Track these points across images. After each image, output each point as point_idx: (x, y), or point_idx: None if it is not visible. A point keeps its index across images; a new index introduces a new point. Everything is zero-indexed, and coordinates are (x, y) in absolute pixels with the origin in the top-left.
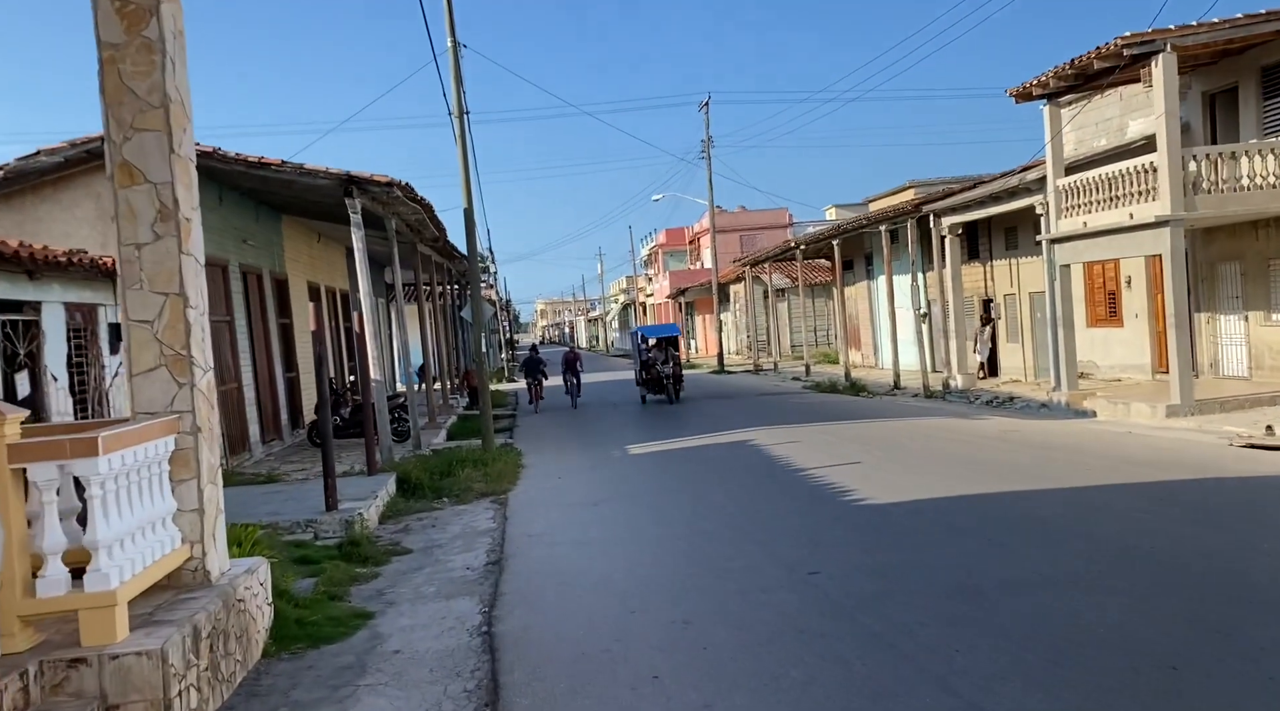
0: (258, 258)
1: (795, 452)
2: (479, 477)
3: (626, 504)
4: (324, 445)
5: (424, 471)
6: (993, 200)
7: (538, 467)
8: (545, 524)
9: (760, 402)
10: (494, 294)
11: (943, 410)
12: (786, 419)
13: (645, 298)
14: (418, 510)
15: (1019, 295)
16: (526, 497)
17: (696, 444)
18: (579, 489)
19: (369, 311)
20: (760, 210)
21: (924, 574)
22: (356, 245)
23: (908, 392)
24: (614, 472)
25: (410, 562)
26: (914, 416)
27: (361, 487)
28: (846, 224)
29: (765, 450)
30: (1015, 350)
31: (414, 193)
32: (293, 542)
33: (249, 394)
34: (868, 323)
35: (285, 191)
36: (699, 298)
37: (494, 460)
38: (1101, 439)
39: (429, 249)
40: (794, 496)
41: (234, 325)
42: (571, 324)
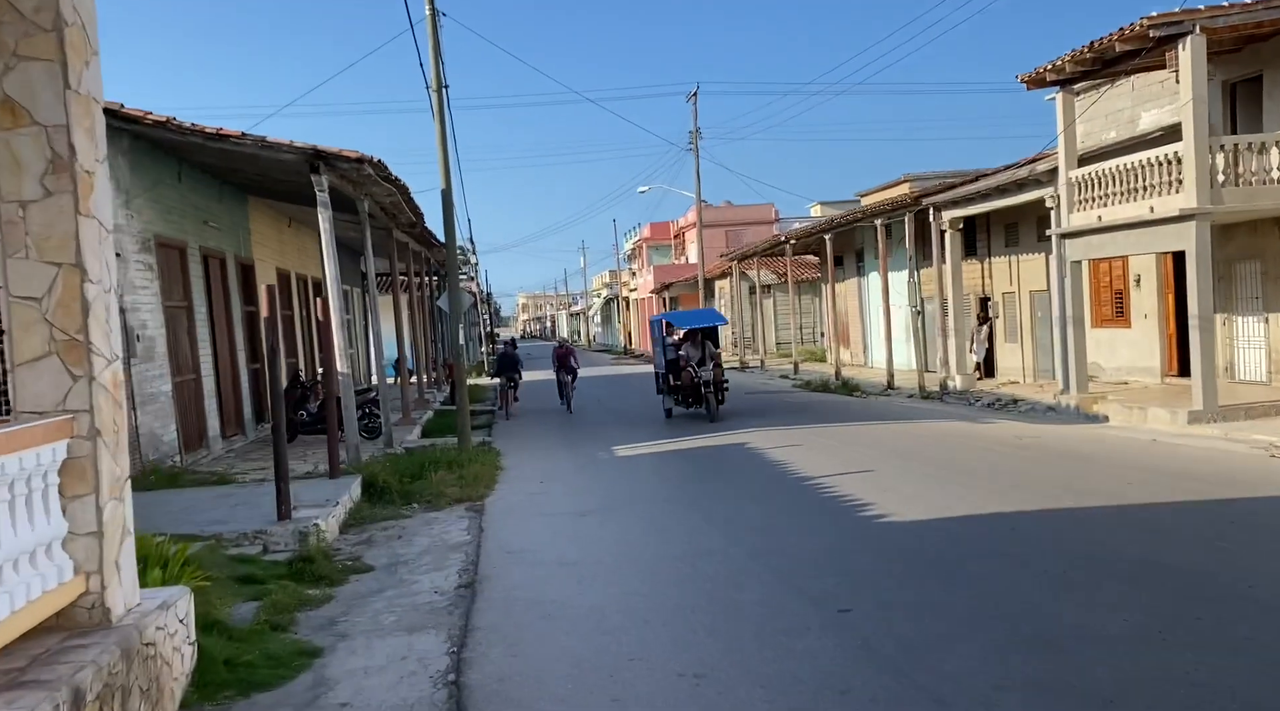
0: (221, 240)
1: (799, 458)
2: (453, 481)
3: (617, 515)
4: (276, 446)
5: (393, 473)
6: (998, 193)
7: (518, 470)
8: (526, 538)
9: (751, 401)
10: (474, 286)
11: (945, 413)
12: (782, 419)
13: (629, 292)
14: (384, 518)
15: (1018, 293)
16: (505, 505)
17: (690, 445)
18: (563, 496)
19: (335, 298)
20: (746, 205)
21: (981, 616)
22: (323, 226)
23: (902, 393)
24: (602, 477)
25: (371, 583)
26: (917, 419)
27: (322, 492)
28: (840, 218)
29: (766, 454)
30: (1013, 350)
31: (387, 171)
32: (237, 558)
33: (208, 385)
34: (857, 320)
35: (249, 168)
36: (683, 293)
37: (470, 461)
38: (1128, 448)
39: (406, 235)
40: (806, 510)
41: (193, 312)
42: (553, 318)
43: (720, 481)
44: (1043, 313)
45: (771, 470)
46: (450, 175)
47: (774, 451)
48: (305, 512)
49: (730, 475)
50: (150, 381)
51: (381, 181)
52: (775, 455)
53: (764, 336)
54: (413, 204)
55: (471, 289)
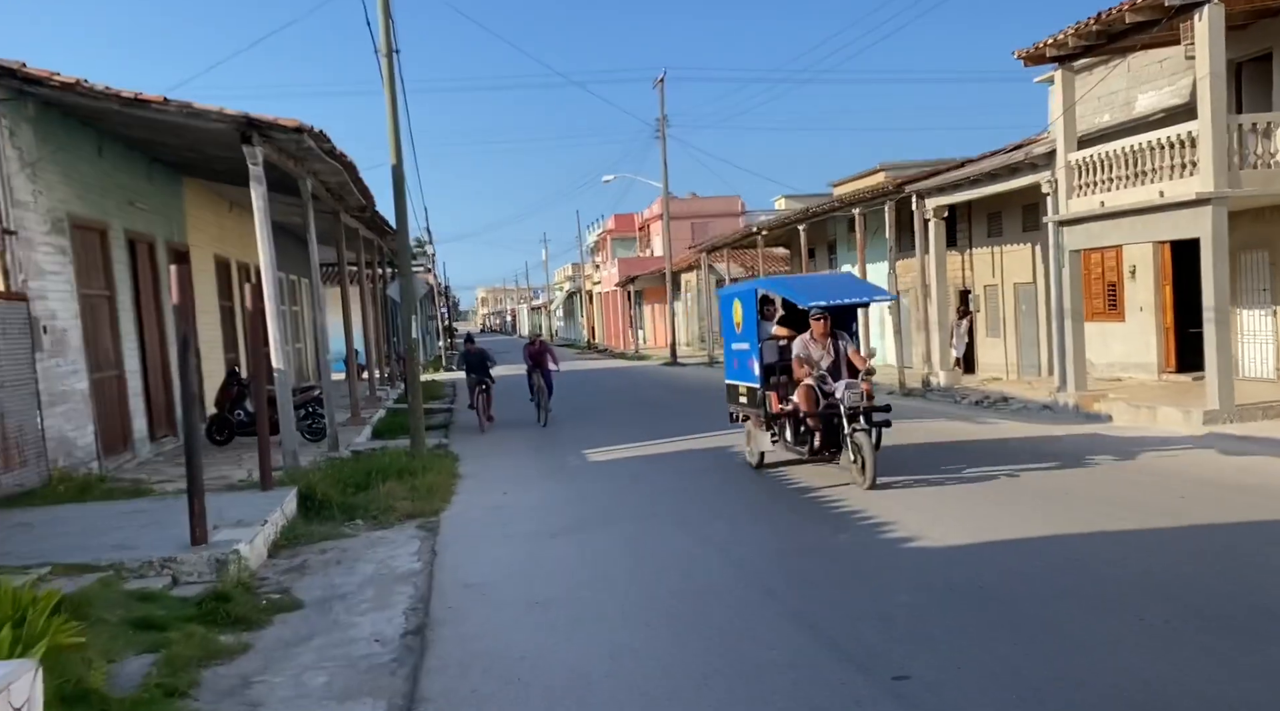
0: (150, 224)
1: (794, 464)
2: (404, 492)
3: (595, 536)
4: (189, 457)
5: (335, 483)
6: (988, 178)
7: (478, 478)
8: (487, 566)
9: None
10: (431, 277)
11: (934, 411)
12: None
13: (592, 286)
14: (322, 537)
15: (1001, 286)
16: (463, 522)
17: (671, 449)
18: (530, 510)
19: (270, 285)
20: (712, 197)
21: (1078, 686)
22: (257, 203)
23: (881, 389)
24: (574, 487)
25: (298, 626)
26: (908, 419)
27: (250, 507)
28: (816, 207)
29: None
30: (995, 345)
31: (330, 144)
32: (138, 594)
33: (133, 383)
34: None
35: (178, 141)
36: (648, 286)
37: (424, 469)
38: (1158, 453)
39: (355, 221)
40: (818, 530)
41: (115, 301)
42: (514, 312)
43: (710, 493)
44: (1027, 306)
45: (766, 478)
46: (401, 150)
47: None
48: (226, 534)
49: (720, 485)
50: (61, 378)
51: (325, 157)
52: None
53: None
54: (361, 184)
55: (428, 280)
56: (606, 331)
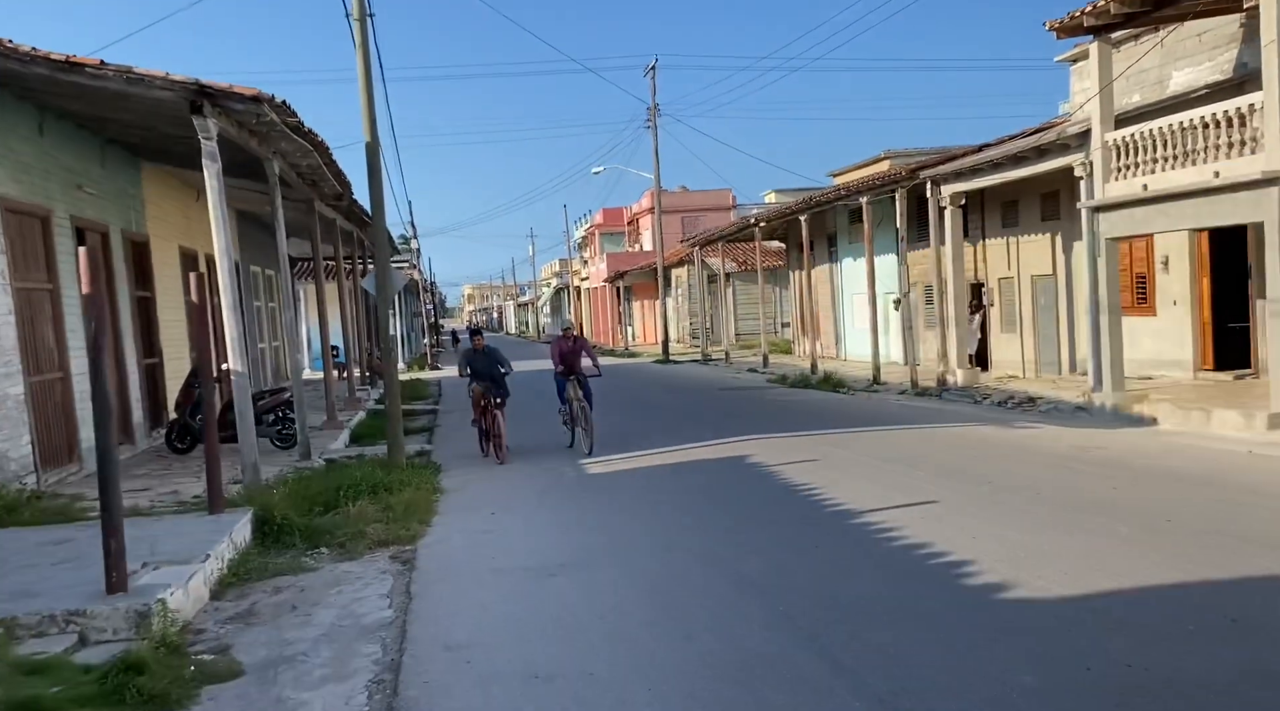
0: (102, 211)
1: (824, 479)
2: (376, 513)
3: (605, 575)
4: (102, 483)
5: (299, 503)
6: (1013, 162)
7: (461, 493)
8: (473, 616)
9: (727, 400)
10: (416, 273)
11: (959, 414)
12: (773, 423)
13: (580, 281)
14: (278, 571)
15: (1017, 279)
16: (445, 553)
17: (679, 458)
18: (522, 537)
19: (226, 275)
20: (702, 191)
21: None
22: (210, 182)
23: (892, 389)
24: (573, 507)
25: (233, 705)
26: (934, 422)
27: (192, 537)
28: (820, 195)
29: (779, 474)
30: (1011, 341)
31: (295, 117)
32: (27, 663)
33: (80, 386)
34: (829, 310)
35: (127, 117)
36: (638, 282)
37: (401, 484)
38: (1227, 463)
39: (332, 210)
40: (882, 571)
41: (59, 295)
42: (500, 309)
43: (733, 516)
44: (1046, 300)
45: (797, 498)
46: (376, 126)
47: (787, 469)
48: (154, 576)
49: (743, 505)
50: None
51: (291, 134)
52: (792, 475)
53: (725, 328)
54: (335, 168)
55: (412, 274)
56: (595, 328)
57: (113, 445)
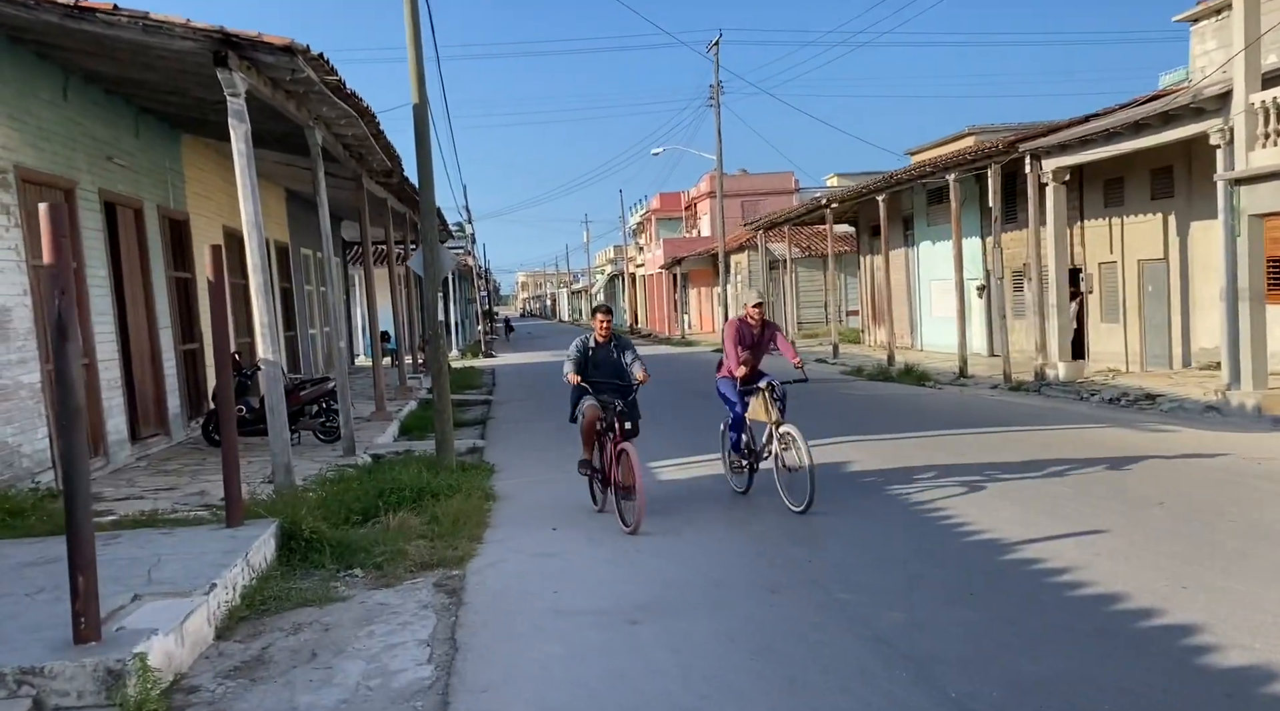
0: (135, 185)
1: (950, 496)
2: (420, 527)
3: (699, 625)
4: (69, 499)
5: (334, 510)
6: (1132, 131)
7: (517, 502)
8: (534, 688)
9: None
10: (471, 260)
11: (1071, 413)
12: (866, 423)
13: (635, 268)
14: (302, 599)
15: (1121, 263)
16: (498, 585)
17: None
18: (591, 564)
19: (256, 252)
20: (763, 174)
21: None
22: (237, 146)
23: (982, 383)
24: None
25: None
26: (1050, 424)
27: (203, 557)
28: (901, 173)
29: (894, 490)
30: (1112, 332)
31: (334, 73)
32: None
33: (108, 373)
34: (903, 297)
35: (154, 77)
36: (694, 269)
37: (449, 489)
38: None
39: (381, 188)
40: (1075, 641)
41: (84, 275)
42: (553, 296)
43: (848, 545)
44: (1155, 286)
45: (923, 522)
46: (424, 85)
47: (900, 483)
48: (144, 613)
49: (858, 531)
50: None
51: (331, 94)
52: (907, 490)
53: (787, 316)
54: (383, 140)
55: (466, 260)
56: (650, 316)
57: (81, 456)
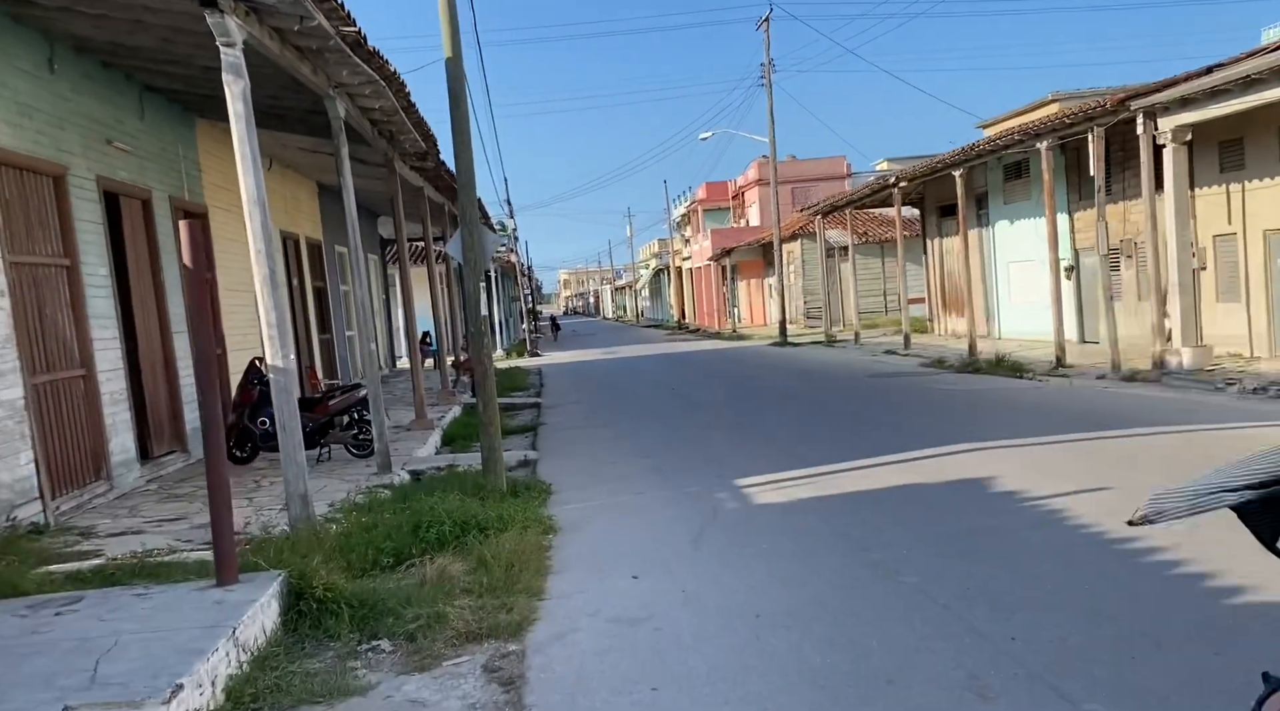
0: (141, 173)
1: (1152, 529)
2: (465, 575)
3: None
4: None
5: (358, 551)
6: (1277, 76)
7: (583, 535)
8: None
9: (888, 391)
10: (514, 257)
11: (1221, 408)
12: (977, 425)
13: (681, 261)
14: (305, 692)
15: (1243, 235)
16: (570, 673)
17: (875, 482)
18: (692, 634)
19: (260, 237)
20: (813, 159)
21: None
22: (234, 107)
23: (1085, 372)
24: (753, 567)
25: None
26: (1205, 423)
27: (177, 633)
28: (983, 143)
29: (1065, 517)
30: (1231, 312)
31: (352, 23)
32: None
33: (110, 385)
34: (978, 282)
35: (147, 40)
36: (743, 260)
37: (499, 522)
38: None
39: (416, 173)
40: None
41: (79, 273)
42: (596, 293)
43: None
44: None
45: (1139, 568)
46: (459, 39)
47: (1061, 506)
48: None
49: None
50: None
51: (350, 54)
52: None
53: (846, 306)
54: (416, 116)
55: (509, 257)
56: (698, 310)
57: None
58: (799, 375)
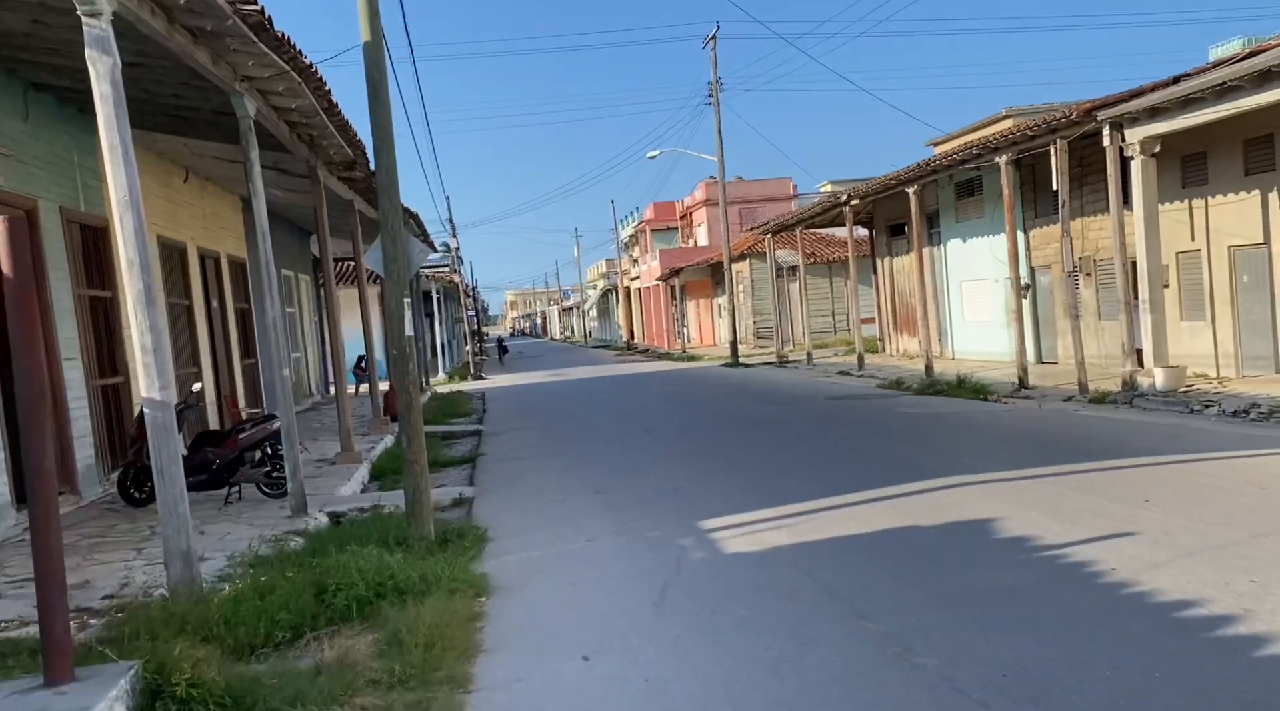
0: (26, 181)
1: (1199, 583)
2: (374, 659)
3: None
4: None
5: (246, 628)
6: (1256, 83)
7: (522, 598)
8: None
9: (851, 415)
10: (457, 277)
11: (1211, 434)
12: (955, 455)
13: (630, 282)
14: None
15: (1207, 251)
16: None
17: (859, 525)
18: None
19: (131, 244)
20: (760, 180)
21: None
22: (99, 88)
23: (1050, 394)
24: (719, 628)
25: None
26: (1206, 451)
27: None
28: (937, 159)
29: (1095, 571)
30: (1197, 331)
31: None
32: None
33: None
34: (930, 301)
35: (14, 20)
36: (692, 281)
37: (423, 583)
38: None
39: (344, 186)
40: None
41: None
42: (544, 314)
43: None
44: (1252, 276)
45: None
46: (378, 22)
47: (1084, 556)
48: None
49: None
50: None
51: (251, 36)
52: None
53: (794, 326)
54: (339, 119)
55: (452, 277)
56: (647, 330)
57: None
58: (755, 397)
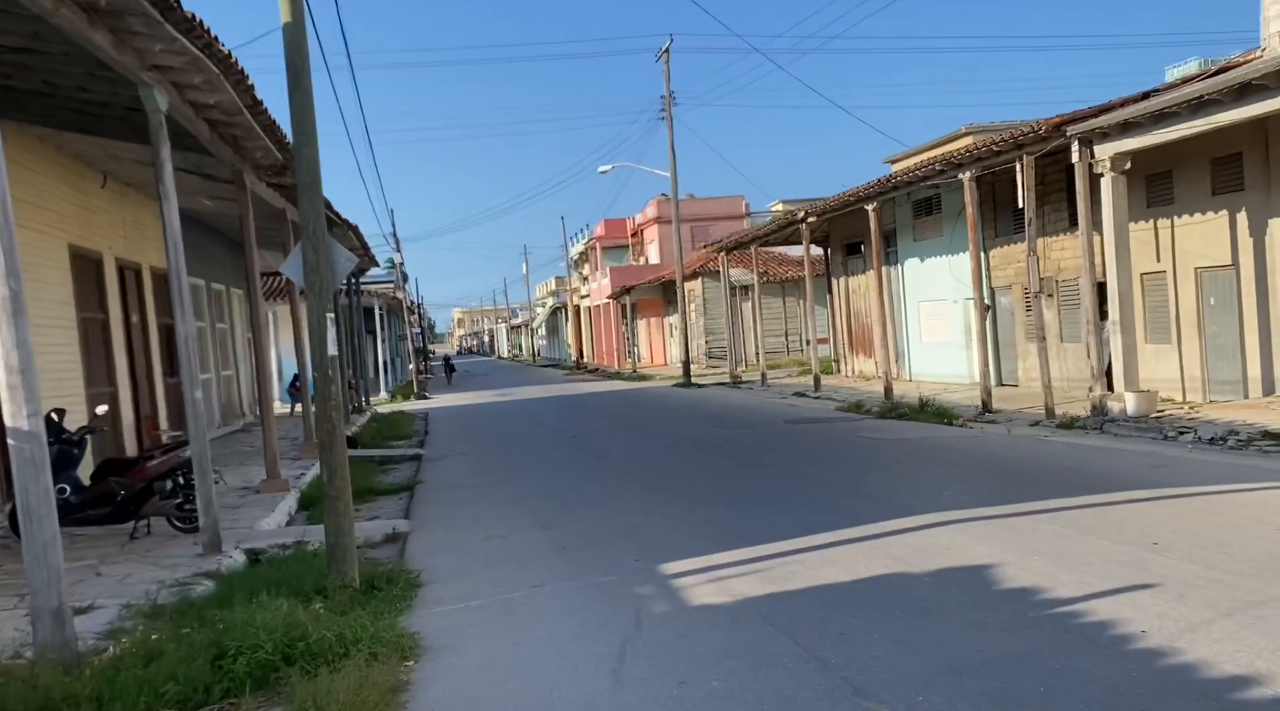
0: None
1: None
2: None
3: None
4: None
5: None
6: (1233, 98)
7: (455, 661)
8: None
9: (814, 442)
10: (402, 294)
11: (1197, 465)
12: (948, 488)
13: (580, 300)
14: None
15: (1172, 273)
16: None
17: (839, 572)
18: None
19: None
20: (713, 198)
21: None
22: None
23: (1016, 418)
24: (688, 706)
25: None
26: (1205, 483)
27: None
28: (898, 176)
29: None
30: (1163, 355)
31: None
32: None
33: None
34: (887, 321)
35: None
36: (643, 299)
37: (336, 646)
38: None
39: (276, 193)
40: None
41: None
42: (492, 332)
43: None
44: (1219, 299)
45: None
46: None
47: (1120, 619)
48: None
49: None
50: None
51: (155, 14)
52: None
53: (744, 345)
54: (265, 117)
55: (396, 294)
56: (597, 349)
57: None
58: (711, 420)
